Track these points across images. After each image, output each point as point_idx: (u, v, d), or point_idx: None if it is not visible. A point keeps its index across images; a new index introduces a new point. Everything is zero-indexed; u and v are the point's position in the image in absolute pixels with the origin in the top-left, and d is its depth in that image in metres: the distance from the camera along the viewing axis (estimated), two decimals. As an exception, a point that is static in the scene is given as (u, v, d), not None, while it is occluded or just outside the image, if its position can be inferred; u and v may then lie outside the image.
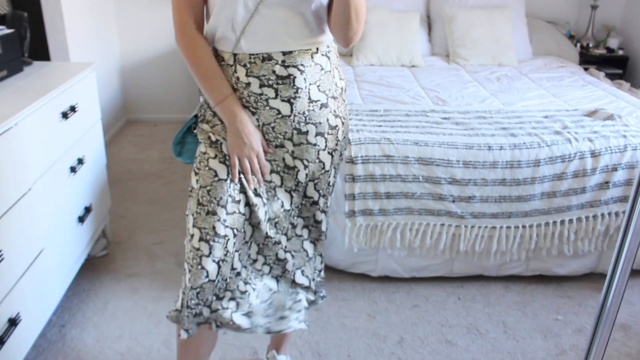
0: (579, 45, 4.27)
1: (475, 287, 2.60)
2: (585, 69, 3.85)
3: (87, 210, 2.45)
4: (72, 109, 2.27)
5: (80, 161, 2.36)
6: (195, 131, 1.64)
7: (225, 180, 1.52)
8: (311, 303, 1.83)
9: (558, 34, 4.20)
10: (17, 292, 1.85)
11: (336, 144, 1.62)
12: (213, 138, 1.55)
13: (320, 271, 1.84)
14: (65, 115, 2.20)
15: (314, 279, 1.79)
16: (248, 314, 1.64)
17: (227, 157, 1.53)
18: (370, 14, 3.62)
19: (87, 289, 2.52)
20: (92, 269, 2.66)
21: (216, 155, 1.53)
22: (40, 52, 3.34)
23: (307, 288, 1.78)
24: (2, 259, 1.74)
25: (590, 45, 4.29)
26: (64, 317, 2.34)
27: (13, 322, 1.82)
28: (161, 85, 4.59)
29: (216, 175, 1.52)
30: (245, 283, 1.64)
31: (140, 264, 2.71)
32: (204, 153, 1.54)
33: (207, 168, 1.53)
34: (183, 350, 1.71)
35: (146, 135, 4.37)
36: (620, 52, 4.23)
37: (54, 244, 2.14)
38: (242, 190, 1.55)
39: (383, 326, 2.33)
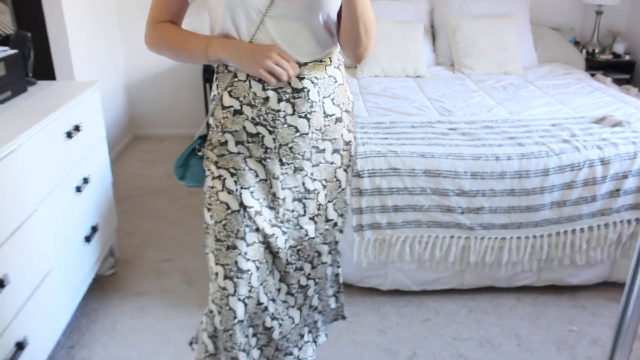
0: (584, 51, 4.24)
1: (486, 299, 2.56)
2: (592, 75, 3.82)
3: (94, 229, 2.44)
4: (77, 128, 2.27)
5: (86, 180, 2.36)
6: (200, 153, 1.60)
7: (239, 211, 1.48)
8: (315, 323, 1.81)
9: (563, 40, 4.17)
10: (23, 316, 1.83)
11: (349, 160, 1.60)
12: (216, 173, 1.50)
13: (336, 293, 1.84)
14: (69, 135, 2.20)
15: (323, 300, 1.77)
16: (263, 347, 1.63)
17: (233, 191, 1.48)
18: (373, 25, 3.60)
19: (96, 308, 2.50)
20: (100, 288, 2.65)
21: (223, 188, 1.49)
22: (46, 71, 3.36)
23: (316, 309, 1.76)
24: (9, 282, 1.72)
25: (596, 51, 4.26)
26: (73, 338, 2.32)
27: (20, 346, 1.80)
28: (167, 101, 4.60)
29: (228, 207, 1.48)
30: (273, 319, 1.61)
31: (148, 282, 2.69)
32: (212, 187, 1.51)
33: (218, 202, 1.49)
34: None
35: (153, 151, 4.37)
36: (627, 57, 4.19)
37: (61, 265, 2.13)
38: (257, 227, 1.50)
39: (394, 341, 2.30)
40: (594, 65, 4.15)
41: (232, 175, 1.48)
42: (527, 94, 3.30)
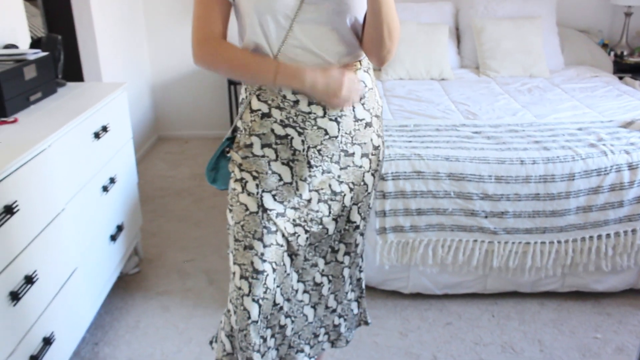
0: (612, 53, 4.17)
1: (509, 304, 2.54)
2: (620, 78, 3.76)
3: (119, 228, 2.48)
4: (104, 129, 2.30)
5: (112, 180, 2.39)
6: (229, 155, 1.61)
7: (257, 212, 1.49)
8: (335, 327, 1.81)
9: (591, 42, 4.11)
10: (50, 312, 1.87)
11: (377, 165, 1.60)
12: (238, 175, 1.51)
13: (358, 298, 1.84)
14: (97, 136, 2.24)
15: (341, 302, 1.77)
16: (279, 347, 1.64)
17: (254, 194, 1.48)
18: (398, 27, 3.60)
19: (120, 306, 2.54)
20: (125, 286, 2.69)
21: (243, 190, 1.50)
22: (75, 72, 3.42)
23: (334, 311, 1.76)
24: (37, 279, 1.76)
25: (625, 53, 4.19)
26: (97, 335, 2.36)
27: (47, 342, 1.84)
28: (192, 102, 4.65)
29: (247, 209, 1.49)
30: (286, 316, 1.62)
31: (171, 282, 2.72)
32: (234, 189, 1.52)
33: (238, 203, 1.51)
34: None
35: (177, 152, 4.41)
36: (657, 60, 4.12)
37: (87, 263, 2.17)
38: (277, 230, 1.51)
39: (415, 344, 2.29)
40: (622, 68, 4.08)
41: (255, 178, 1.49)
42: (553, 97, 3.26)
